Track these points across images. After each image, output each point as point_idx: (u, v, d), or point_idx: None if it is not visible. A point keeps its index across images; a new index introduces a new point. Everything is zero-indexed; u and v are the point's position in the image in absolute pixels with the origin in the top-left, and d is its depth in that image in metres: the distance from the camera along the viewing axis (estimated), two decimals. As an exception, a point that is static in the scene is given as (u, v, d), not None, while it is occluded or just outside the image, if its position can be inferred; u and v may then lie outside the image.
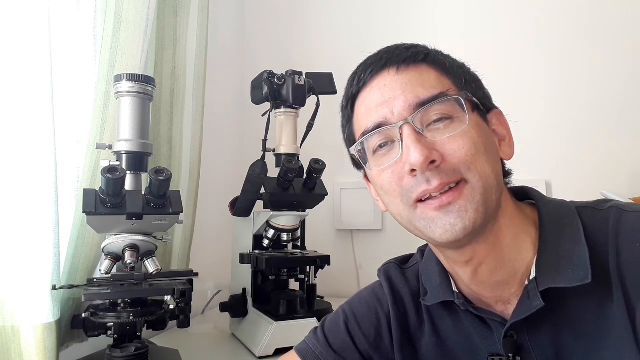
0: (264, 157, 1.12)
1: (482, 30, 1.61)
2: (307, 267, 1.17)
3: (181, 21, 1.29)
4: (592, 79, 1.48)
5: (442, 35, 1.62)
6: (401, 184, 0.54)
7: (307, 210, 1.16)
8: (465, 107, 0.53)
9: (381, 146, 0.56)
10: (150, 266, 0.87)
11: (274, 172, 1.11)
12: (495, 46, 1.57)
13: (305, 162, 1.12)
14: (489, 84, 0.62)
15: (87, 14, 1.05)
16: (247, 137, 1.81)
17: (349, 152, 0.63)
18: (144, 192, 0.85)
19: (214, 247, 1.48)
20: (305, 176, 1.11)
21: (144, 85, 0.90)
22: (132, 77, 0.89)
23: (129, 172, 0.88)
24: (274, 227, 1.12)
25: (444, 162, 0.51)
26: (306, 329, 0.73)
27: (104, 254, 0.86)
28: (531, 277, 0.54)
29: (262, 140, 1.13)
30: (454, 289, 0.61)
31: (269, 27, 1.89)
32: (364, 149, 0.58)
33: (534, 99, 1.52)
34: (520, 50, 1.55)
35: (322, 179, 1.13)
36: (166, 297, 0.85)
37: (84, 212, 0.79)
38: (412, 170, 0.52)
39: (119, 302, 0.85)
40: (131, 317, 0.81)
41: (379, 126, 0.55)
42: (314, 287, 1.19)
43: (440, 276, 0.63)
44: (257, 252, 1.15)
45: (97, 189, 0.81)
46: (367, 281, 0.74)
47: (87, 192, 0.81)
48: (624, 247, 0.51)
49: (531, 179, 1.44)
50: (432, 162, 0.51)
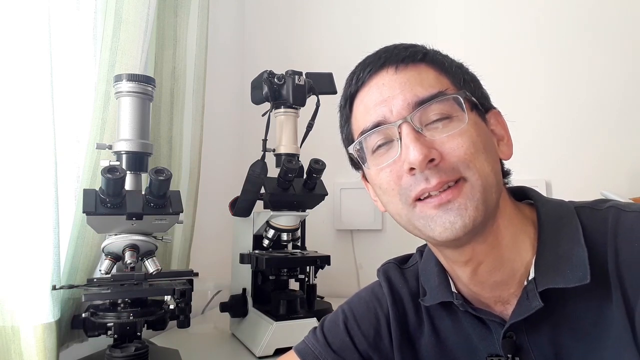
0: (264, 157, 1.12)
1: (482, 30, 1.61)
2: (307, 267, 1.17)
3: (181, 21, 1.29)
4: (592, 79, 1.48)
5: (442, 35, 1.62)
6: (400, 182, 0.54)
7: (307, 210, 1.16)
8: (464, 106, 0.53)
9: (380, 145, 0.56)
10: (150, 266, 0.87)
11: (274, 172, 1.11)
12: (495, 46, 1.57)
13: (305, 162, 1.12)
14: (489, 84, 0.62)
15: (87, 14, 1.05)
16: (247, 137, 1.81)
17: (347, 151, 0.62)
18: (144, 192, 0.85)
19: (214, 247, 1.48)
20: (305, 176, 1.11)
21: (144, 85, 0.90)
22: (132, 77, 0.89)
23: (129, 172, 0.88)
24: (274, 227, 1.12)
25: (442, 161, 0.51)
26: (306, 329, 0.73)
27: (104, 254, 0.86)
28: (530, 278, 0.54)
29: (262, 140, 1.13)
30: (453, 289, 0.61)
31: (269, 27, 1.89)
32: (363, 148, 0.58)
33: (534, 98, 1.52)
34: (520, 50, 1.55)
35: (322, 179, 1.13)
36: (166, 297, 0.85)
37: (84, 212, 0.79)
38: (411, 168, 0.52)
39: (119, 302, 0.85)
40: (131, 317, 0.81)
41: (377, 125, 0.55)
42: (314, 287, 1.19)
43: (439, 276, 0.62)
44: (257, 252, 1.15)
45: (97, 189, 0.81)
46: (367, 281, 0.74)
47: (87, 192, 0.81)
48: (623, 247, 0.51)
49: (531, 179, 1.44)
50: (431, 160, 0.51)
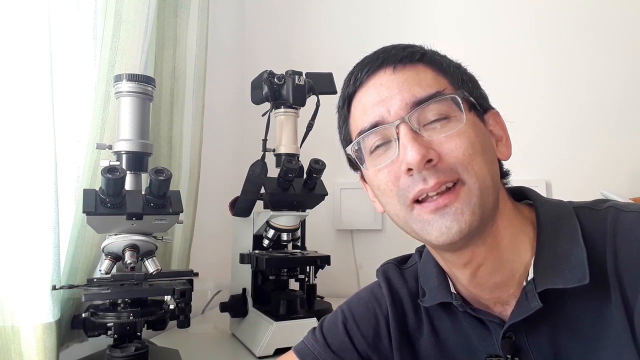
0: (264, 157, 1.12)
1: (482, 30, 1.61)
2: (307, 267, 1.17)
3: (181, 21, 1.29)
4: (592, 79, 1.48)
5: (442, 35, 1.62)
6: (398, 183, 0.54)
7: (307, 210, 1.16)
8: (462, 106, 0.53)
9: (378, 146, 0.56)
10: (150, 266, 0.87)
11: (274, 172, 1.11)
12: (495, 46, 1.57)
13: (305, 162, 1.12)
14: (488, 84, 0.62)
15: (87, 14, 1.05)
16: (247, 137, 1.81)
17: (346, 152, 0.62)
18: (144, 192, 0.85)
19: (214, 247, 1.48)
20: (305, 176, 1.11)
21: (144, 85, 0.90)
22: (132, 77, 0.89)
23: (129, 172, 0.88)
24: (274, 227, 1.12)
25: (440, 161, 0.51)
26: (306, 329, 0.73)
27: (104, 254, 0.86)
28: (529, 278, 0.54)
29: (262, 140, 1.13)
30: (452, 290, 0.61)
31: (269, 27, 1.89)
32: (361, 149, 0.58)
33: (534, 99, 1.52)
34: (520, 50, 1.55)
35: (322, 179, 1.13)
36: (166, 297, 0.85)
37: (84, 212, 0.79)
38: (409, 169, 0.51)
39: (119, 302, 0.85)
40: (131, 317, 0.82)
41: (375, 125, 0.55)
42: (314, 287, 1.19)
43: (438, 277, 0.62)
44: (257, 252, 1.15)
45: (97, 189, 0.81)
46: (367, 281, 0.74)
47: (87, 192, 0.81)
48: (622, 248, 0.51)
49: (531, 179, 1.44)
50: (429, 161, 0.51)
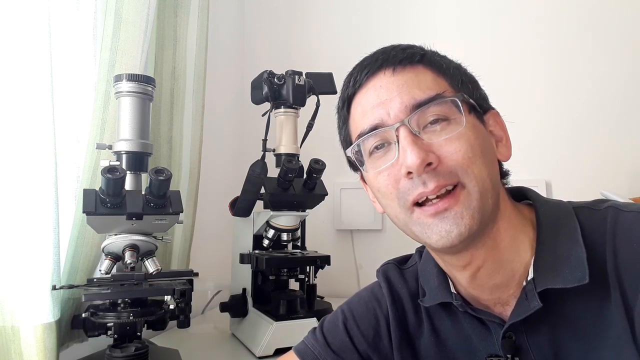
0: (264, 157, 1.12)
1: (482, 30, 1.61)
2: (307, 267, 1.17)
3: (181, 21, 1.29)
4: (592, 79, 1.48)
5: (442, 35, 1.62)
6: (397, 186, 0.54)
7: (307, 210, 1.16)
8: (461, 108, 0.53)
9: (377, 148, 0.56)
10: (150, 266, 0.87)
11: (274, 172, 1.11)
12: (495, 46, 1.57)
13: (305, 162, 1.12)
14: (488, 84, 0.61)
15: (87, 14, 1.05)
16: (247, 137, 1.81)
17: (345, 154, 0.62)
18: (144, 192, 0.85)
19: (214, 247, 1.48)
20: (305, 176, 1.11)
21: (144, 85, 0.90)
22: (132, 77, 0.89)
23: (129, 172, 0.88)
24: (274, 227, 1.12)
25: (440, 165, 0.51)
26: (306, 329, 0.73)
27: (104, 254, 0.86)
28: (529, 278, 0.54)
29: (262, 140, 1.13)
30: (452, 290, 0.61)
31: (269, 27, 1.89)
32: (360, 151, 0.58)
33: (534, 99, 1.52)
34: (520, 50, 1.55)
35: (322, 179, 1.13)
36: (166, 297, 0.85)
37: (84, 212, 0.79)
38: (409, 172, 0.51)
39: (119, 302, 0.85)
40: (131, 317, 0.82)
41: (375, 128, 0.55)
42: (314, 287, 1.19)
43: (438, 277, 0.62)
44: (257, 252, 1.15)
45: (97, 189, 0.81)
46: (367, 281, 0.74)
47: (87, 192, 0.81)
48: (622, 248, 0.51)
49: (531, 179, 1.44)
50: (429, 164, 0.51)
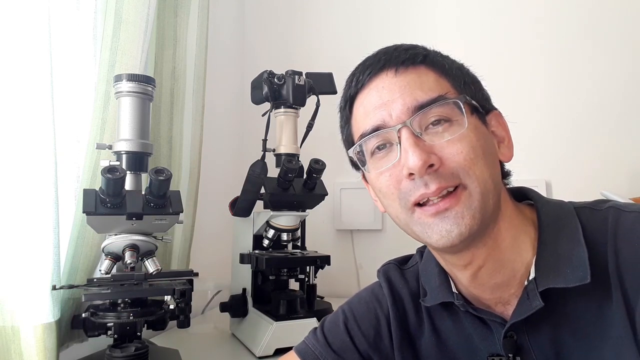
0: (264, 157, 1.12)
1: (482, 30, 1.61)
2: (307, 267, 1.17)
3: (181, 21, 1.29)
4: (592, 79, 1.48)
5: (442, 35, 1.62)
6: (399, 187, 0.54)
7: (307, 210, 1.16)
8: (464, 110, 0.53)
9: (379, 148, 0.56)
10: (150, 266, 0.87)
11: (274, 172, 1.11)
12: (495, 46, 1.57)
13: (305, 162, 1.12)
14: (488, 84, 0.61)
15: (87, 14, 1.05)
16: (247, 137, 1.81)
17: (348, 154, 0.62)
18: (144, 192, 0.85)
19: (214, 247, 1.48)
20: (305, 176, 1.11)
21: (144, 85, 0.90)
22: (132, 77, 0.89)
23: (129, 172, 0.88)
24: (274, 227, 1.12)
25: (442, 166, 0.51)
26: (306, 329, 0.73)
27: (104, 254, 0.86)
28: (530, 278, 0.54)
29: (262, 140, 1.13)
30: (454, 289, 0.61)
31: (269, 27, 1.89)
32: (362, 151, 0.58)
33: (534, 99, 1.52)
34: (520, 50, 1.55)
35: (322, 179, 1.13)
36: (166, 297, 0.85)
37: (84, 212, 0.79)
38: (410, 174, 0.52)
39: (119, 302, 0.85)
40: (131, 317, 0.81)
41: (377, 129, 0.55)
42: (314, 287, 1.19)
43: (439, 277, 0.62)
44: (257, 252, 1.15)
45: (97, 189, 0.81)
46: (367, 281, 0.74)
47: (87, 192, 0.81)
48: (623, 248, 0.51)
49: (531, 179, 1.44)
50: (431, 166, 0.51)
